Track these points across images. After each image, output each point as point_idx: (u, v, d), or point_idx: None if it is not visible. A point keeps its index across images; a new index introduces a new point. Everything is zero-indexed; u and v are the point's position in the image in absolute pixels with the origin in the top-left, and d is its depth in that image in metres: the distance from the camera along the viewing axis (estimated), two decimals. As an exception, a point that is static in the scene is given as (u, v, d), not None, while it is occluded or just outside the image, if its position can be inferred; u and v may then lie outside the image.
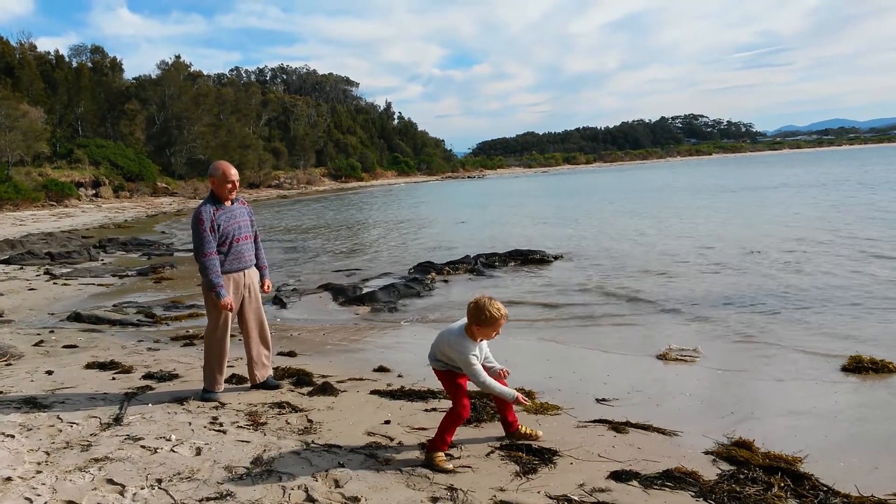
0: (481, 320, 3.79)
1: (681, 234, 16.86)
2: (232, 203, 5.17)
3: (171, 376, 5.80)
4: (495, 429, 4.38)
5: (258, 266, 5.40)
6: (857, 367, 5.59)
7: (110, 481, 3.63)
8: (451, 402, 4.02)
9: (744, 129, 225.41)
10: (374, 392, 5.29)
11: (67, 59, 62.27)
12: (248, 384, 5.47)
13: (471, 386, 4.03)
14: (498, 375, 4.08)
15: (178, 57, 69.75)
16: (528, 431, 4.23)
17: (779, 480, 3.53)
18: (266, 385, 5.40)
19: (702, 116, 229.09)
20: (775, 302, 8.52)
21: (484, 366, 3.98)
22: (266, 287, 5.45)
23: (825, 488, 3.48)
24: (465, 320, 3.94)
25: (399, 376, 5.86)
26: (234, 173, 5.10)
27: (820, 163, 73.31)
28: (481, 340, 3.95)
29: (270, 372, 5.52)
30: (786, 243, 13.85)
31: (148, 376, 5.79)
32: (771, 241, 14.44)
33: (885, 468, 3.77)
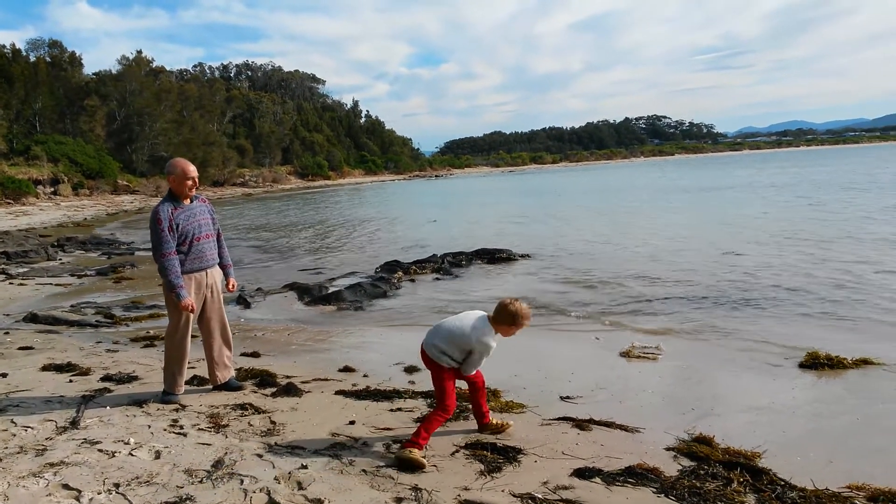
0: (506, 322, 3.96)
1: (643, 233, 17.07)
2: (191, 201, 5.05)
3: (131, 378, 5.68)
4: (460, 426, 4.38)
5: (222, 265, 5.31)
6: (813, 363, 5.72)
7: (66, 486, 3.53)
8: (436, 396, 4.05)
9: (705, 130, 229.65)
10: (338, 392, 5.25)
11: (24, 54, 60.47)
12: (210, 385, 5.38)
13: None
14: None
15: (139, 52, 68.61)
16: (498, 423, 4.31)
17: (738, 476, 3.60)
18: (228, 386, 5.31)
19: (665, 118, 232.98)
20: (735, 300, 8.68)
21: None
22: (230, 286, 5.35)
23: (782, 483, 3.56)
24: (481, 314, 4.03)
25: (364, 376, 5.83)
26: (192, 170, 4.97)
27: (778, 163, 74.97)
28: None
29: (233, 373, 5.44)
30: (745, 243, 14.12)
31: (106, 378, 5.66)
32: (733, 240, 14.71)
33: (839, 462, 3.87)
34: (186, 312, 4.94)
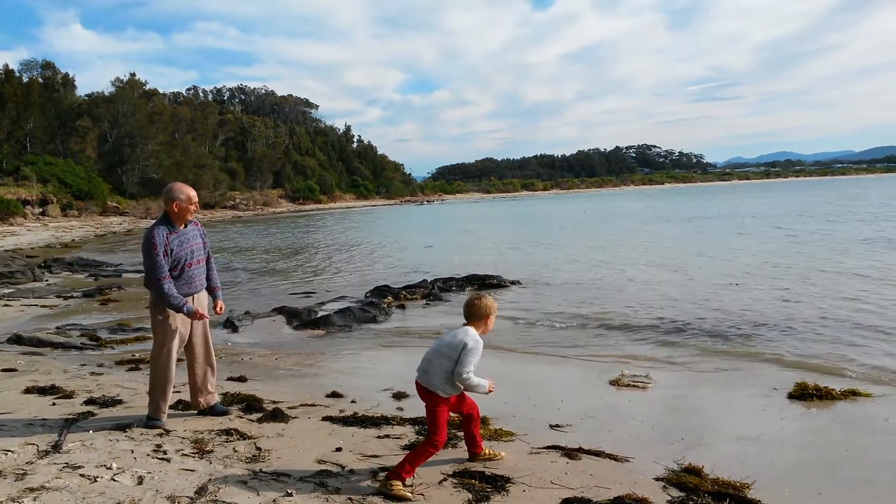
0: (476, 317, 3.99)
1: (633, 262, 17.15)
2: (185, 225, 5.04)
3: (115, 402, 5.60)
4: (448, 455, 4.34)
5: (210, 287, 5.27)
6: (802, 393, 5.72)
7: (45, 513, 3.46)
8: (428, 428, 3.98)
9: (695, 160, 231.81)
10: (326, 418, 5.19)
11: (17, 74, 60.55)
12: (195, 410, 5.32)
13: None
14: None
15: (132, 74, 68.82)
16: (491, 454, 4.29)
17: (727, 507, 3.57)
18: (213, 411, 5.24)
19: (655, 147, 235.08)
20: (724, 330, 8.70)
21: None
22: (218, 309, 5.29)
23: (771, 514, 3.53)
24: (462, 326, 4.02)
25: (352, 402, 5.78)
26: (195, 195, 4.96)
27: (767, 194, 75.80)
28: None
29: (217, 398, 5.38)
30: (732, 273, 14.20)
31: (90, 402, 5.58)
32: (721, 270, 14.80)
33: (827, 494, 3.85)
34: (172, 336, 4.89)
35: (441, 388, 3.91)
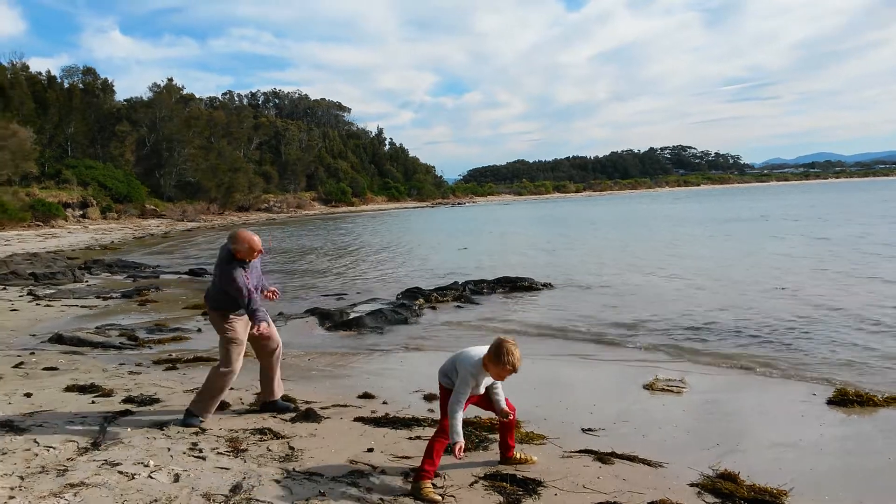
0: (493, 357, 3.87)
1: (667, 265, 16.93)
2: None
3: (152, 400, 5.71)
4: (479, 457, 4.33)
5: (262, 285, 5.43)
6: (842, 399, 5.58)
7: (85, 508, 3.54)
8: (440, 420, 4.00)
9: (731, 161, 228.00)
10: (357, 419, 5.23)
11: (59, 80, 62.28)
12: (231, 409, 5.42)
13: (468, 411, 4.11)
14: (502, 408, 4.16)
15: (170, 80, 70.10)
16: (523, 458, 4.27)
17: (764, 514, 3.50)
18: (276, 406, 5.44)
19: (690, 148, 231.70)
20: (761, 333, 8.53)
21: (491, 392, 4.15)
22: (272, 294, 5.45)
23: (810, 522, 3.45)
24: (481, 352, 4.00)
25: (384, 403, 5.80)
26: (258, 244, 5.12)
27: (811, 194, 74.27)
28: (488, 375, 4.00)
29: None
30: (771, 276, 13.93)
31: (128, 400, 5.70)
32: (758, 273, 14.54)
33: (868, 502, 3.75)
34: (240, 352, 5.14)
35: (448, 385, 4.07)
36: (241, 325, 5.15)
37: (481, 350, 4.01)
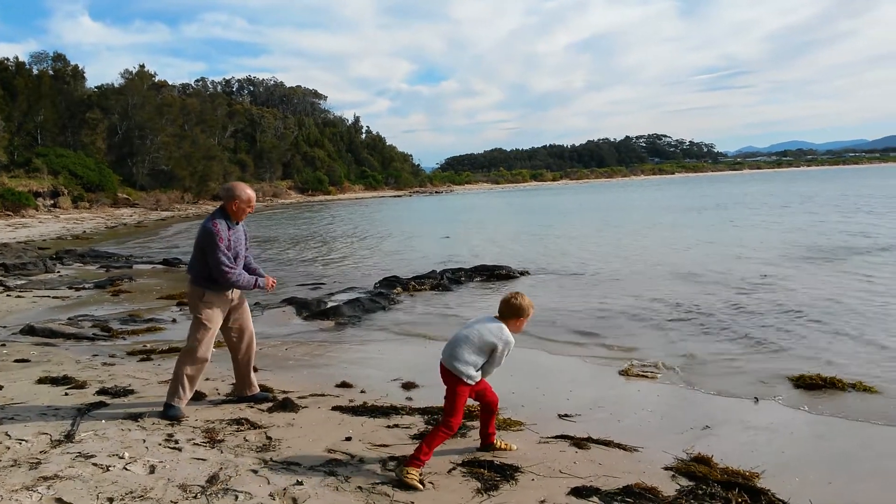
0: (517, 314, 3.99)
1: (641, 253, 17.09)
2: (237, 223, 5.13)
3: (127, 392, 5.65)
4: (457, 444, 4.36)
5: (252, 269, 5.34)
6: (811, 384, 5.70)
7: (59, 500, 3.50)
8: (445, 410, 3.97)
9: (705, 150, 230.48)
10: (335, 408, 5.22)
11: (28, 66, 60.80)
12: (207, 399, 5.38)
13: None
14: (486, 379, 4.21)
15: (142, 66, 68.82)
16: (503, 445, 4.29)
17: (736, 496, 3.57)
18: (255, 398, 5.37)
19: (665, 136, 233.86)
20: (734, 319, 8.66)
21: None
22: (271, 284, 5.32)
23: (781, 503, 3.53)
24: (490, 317, 4.05)
25: (362, 392, 5.81)
26: (254, 197, 5.09)
27: (778, 182, 75.29)
28: None
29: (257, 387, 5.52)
30: (746, 262, 14.13)
31: (102, 392, 5.63)
32: (731, 260, 14.73)
33: (837, 483, 3.85)
34: (210, 331, 4.98)
35: (466, 375, 3.92)
36: (215, 310, 5.02)
37: (489, 317, 4.04)
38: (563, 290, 11.57)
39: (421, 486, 3.69)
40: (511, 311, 3.99)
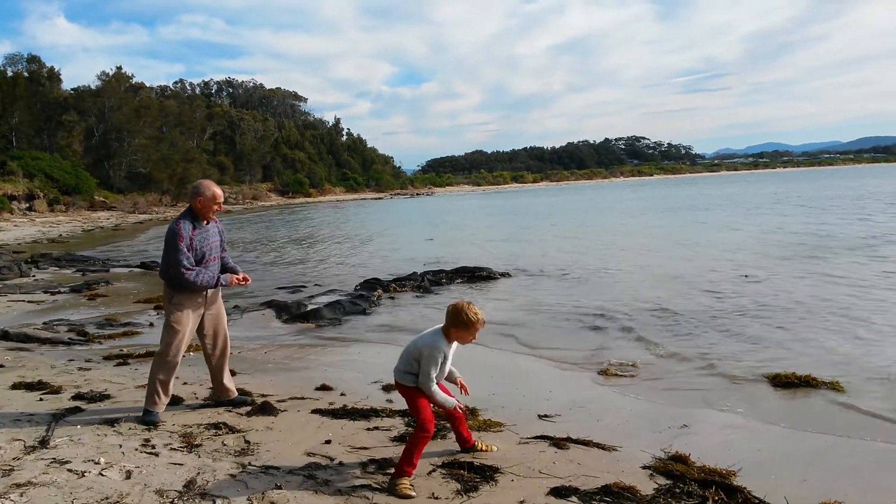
0: (458, 323, 3.83)
1: (622, 253, 17.21)
2: (208, 223, 5.06)
3: (103, 397, 5.57)
4: (437, 446, 4.36)
5: (230, 268, 5.31)
6: (787, 382, 5.78)
7: (32, 508, 3.45)
8: (414, 419, 3.97)
9: (683, 152, 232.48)
10: (315, 411, 5.20)
11: (2, 68, 59.85)
12: (184, 404, 5.33)
13: None
14: (454, 380, 4.17)
15: (119, 68, 68.10)
16: (483, 447, 4.28)
17: (713, 494, 3.61)
18: (234, 402, 5.32)
19: (644, 138, 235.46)
20: (712, 319, 8.75)
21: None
22: (242, 279, 5.29)
23: (757, 500, 3.57)
24: (439, 325, 3.97)
25: (342, 395, 5.79)
26: (221, 194, 5.01)
27: (754, 183, 76.22)
28: (453, 343, 3.96)
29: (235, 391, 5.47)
30: (725, 262, 14.28)
31: (78, 397, 5.56)
32: (709, 261, 14.89)
33: (812, 480, 3.90)
34: (182, 333, 4.92)
35: (409, 381, 3.93)
36: (185, 312, 4.96)
37: (433, 329, 3.99)
38: (543, 292, 11.61)
39: (414, 494, 3.65)
40: (447, 317, 3.89)
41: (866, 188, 50.13)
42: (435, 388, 3.88)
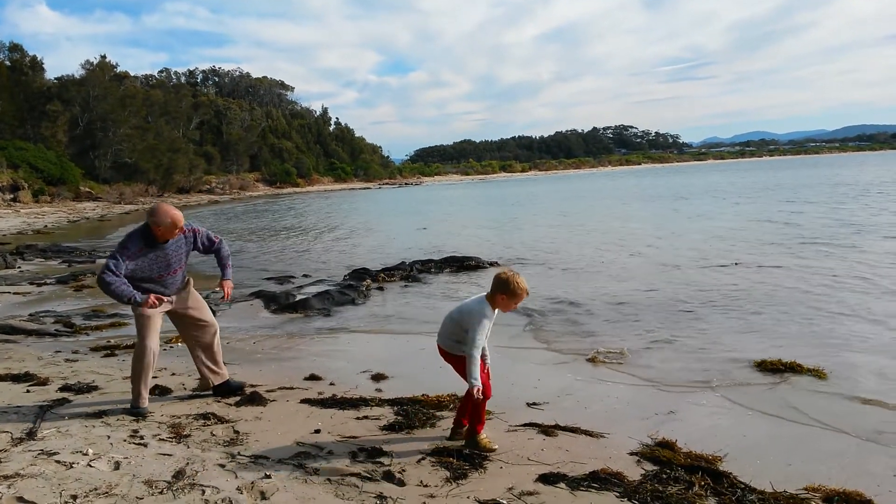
0: (506, 290, 3.98)
1: (610, 242, 17.28)
2: (167, 241, 4.90)
3: (90, 388, 5.55)
4: (426, 434, 4.38)
5: (221, 266, 5.34)
6: (772, 368, 5.84)
7: (21, 499, 3.44)
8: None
9: (671, 140, 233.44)
10: (304, 401, 5.20)
11: (-17, 57, 59.11)
12: (173, 395, 5.33)
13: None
14: (484, 360, 4.23)
15: (103, 56, 67.32)
16: (486, 443, 4.15)
17: (699, 479, 3.65)
18: (228, 387, 5.35)
19: (631, 127, 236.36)
20: (697, 305, 8.81)
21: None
22: (227, 291, 5.29)
23: (742, 486, 3.61)
24: (482, 293, 4.13)
25: (331, 384, 5.79)
26: (180, 217, 4.83)
27: (740, 172, 76.61)
28: (496, 310, 4.09)
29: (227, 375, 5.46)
30: (707, 250, 14.38)
31: (65, 388, 5.53)
32: (699, 249, 14.98)
33: (796, 465, 3.95)
34: (151, 325, 4.90)
35: (456, 349, 4.13)
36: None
37: (476, 297, 4.13)
38: (531, 280, 11.56)
39: (496, 447, 4.04)
40: (494, 285, 4.03)
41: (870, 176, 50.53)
42: (478, 357, 3.98)
